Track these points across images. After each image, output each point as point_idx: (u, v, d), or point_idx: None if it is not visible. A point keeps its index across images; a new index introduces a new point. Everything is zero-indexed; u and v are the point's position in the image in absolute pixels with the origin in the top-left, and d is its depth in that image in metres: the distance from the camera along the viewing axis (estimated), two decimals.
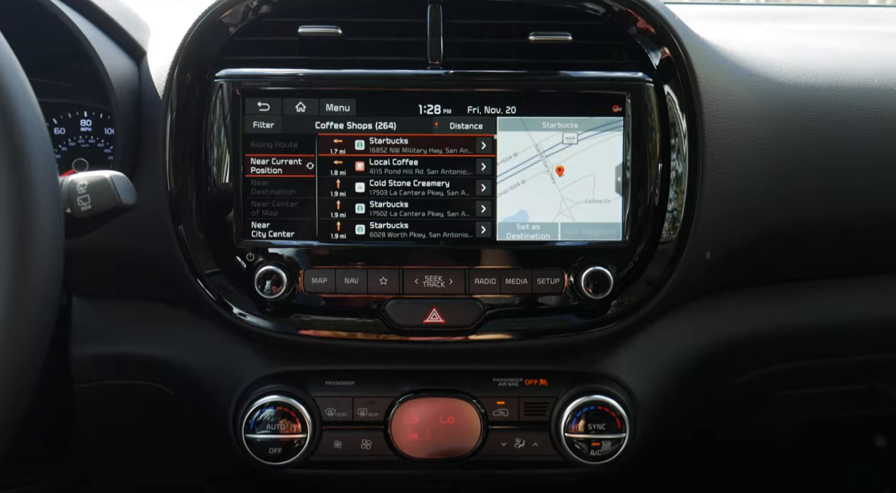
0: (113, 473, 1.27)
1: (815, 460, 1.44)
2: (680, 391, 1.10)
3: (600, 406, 1.05)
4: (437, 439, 1.07)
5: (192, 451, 1.25)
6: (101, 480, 1.28)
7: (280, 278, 1.00)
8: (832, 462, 1.49)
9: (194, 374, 1.09)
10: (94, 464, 1.20)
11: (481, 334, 1.03)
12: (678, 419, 1.13)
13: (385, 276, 1.01)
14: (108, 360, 1.09)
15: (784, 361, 1.16)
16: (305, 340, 1.03)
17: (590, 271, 1.00)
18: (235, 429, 1.05)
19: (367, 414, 1.06)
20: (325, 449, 1.06)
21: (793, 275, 1.13)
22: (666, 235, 1.01)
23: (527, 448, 1.07)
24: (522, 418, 1.07)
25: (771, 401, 1.22)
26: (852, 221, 1.07)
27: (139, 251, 1.03)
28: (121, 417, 1.16)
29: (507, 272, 1.02)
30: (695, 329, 1.10)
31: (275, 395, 1.04)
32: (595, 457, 1.05)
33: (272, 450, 1.04)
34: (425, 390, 1.07)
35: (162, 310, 1.10)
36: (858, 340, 1.16)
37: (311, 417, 1.05)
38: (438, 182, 1.01)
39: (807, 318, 1.13)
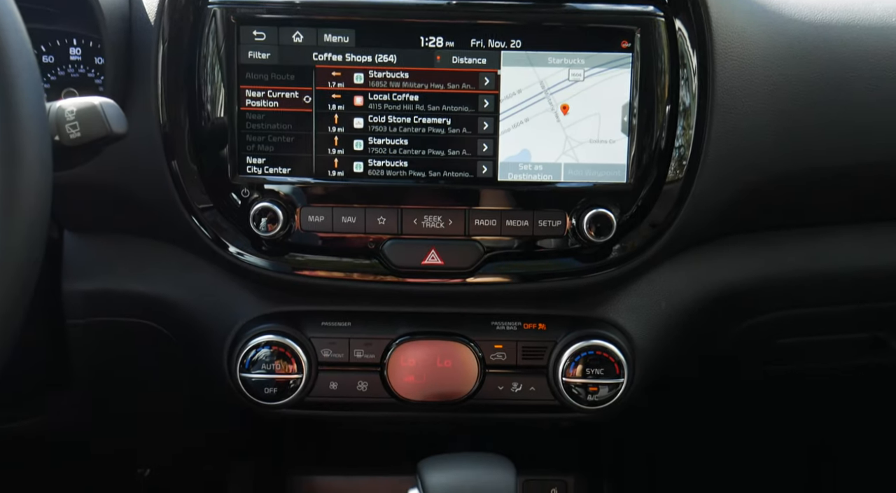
0: (111, 413, 1.27)
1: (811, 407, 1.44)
2: (680, 337, 1.09)
3: (599, 351, 1.04)
4: (434, 382, 1.06)
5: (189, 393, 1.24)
6: (100, 420, 1.28)
7: (276, 216, 0.98)
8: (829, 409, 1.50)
9: (188, 313, 1.07)
10: (91, 404, 1.19)
11: (480, 277, 1.01)
12: (676, 365, 1.12)
13: (383, 215, 0.99)
14: (100, 297, 1.07)
15: (785, 308, 1.15)
16: (301, 280, 1.02)
17: (592, 213, 0.98)
18: (230, 369, 1.04)
19: (363, 356, 1.05)
20: (321, 390, 1.05)
21: (798, 221, 1.12)
22: (672, 175, 0.99)
23: (523, 392, 1.06)
24: (520, 362, 1.06)
25: (770, 349, 1.22)
26: (863, 166, 1.05)
27: (131, 186, 1.00)
28: (115, 355, 1.15)
29: (508, 214, 1.00)
30: (696, 275, 1.09)
31: (270, 335, 1.03)
32: (592, 402, 1.04)
33: (267, 390, 1.03)
34: (422, 332, 1.06)
35: (155, 247, 1.08)
36: (863, 288, 1.14)
37: (306, 357, 1.04)
38: (439, 119, 0.98)
39: (811, 265, 1.12)
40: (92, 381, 1.15)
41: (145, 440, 1.44)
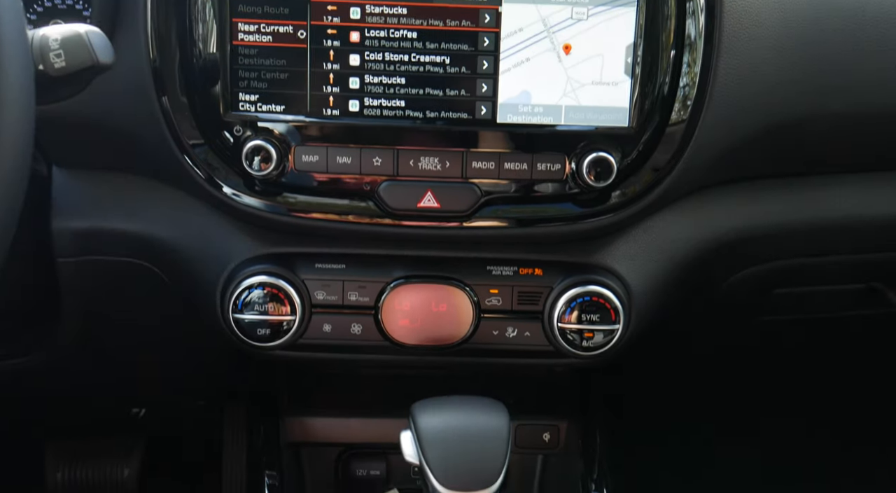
0: (104, 354, 1.26)
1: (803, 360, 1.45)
2: (676, 285, 1.08)
3: (595, 297, 1.03)
4: (428, 325, 1.05)
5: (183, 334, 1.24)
6: (93, 360, 1.27)
7: (269, 155, 0.96)
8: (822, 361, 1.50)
9: (180, 253, 1.06)
10: (83, 343, 1.19)
11: (476, 221, 1.00)
12: (672, 312, 1.12)
13: (379, 156, 0.97)
14: (91, 236, 1.06)
15: (784, 258, 1.14)
16: (295, 221, 1.00)
17: (592, 157, 0.96)
18: (223, 309, 1.03)
19: (357, 298, 1.05)
20: (315, 332, 1.05)
21: (799, 170, 1.10)
22: (675, 117, 0.97)
23: (518, 338, 1.06)
24: (515, 307, 1.05)
25: (765, 299, 1.21)
26: (870, 114, 1.03)
27: (121, 122, 0.98)
28: (107, 294, 1.14)
29: (507, 156, 0.98)
30: (696, 223, 1.08)
31: (263, 276, 1.02)
32: (587, 348, 1.04)
33: (260, 331, 1.02)
34: (417, 276, 1.05)
35: (147, 185, 1.06)
36: (860, 238, 1.14)
37: (300, 299, 1.03)
38: (438, 57, 0.96)
39: (811, 214, 1.11)
40: (83, 320, 1.14)
41: (139, 382, 1.44)
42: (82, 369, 1.29)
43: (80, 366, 1.27)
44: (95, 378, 1.36)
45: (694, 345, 1.34)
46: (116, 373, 1.35)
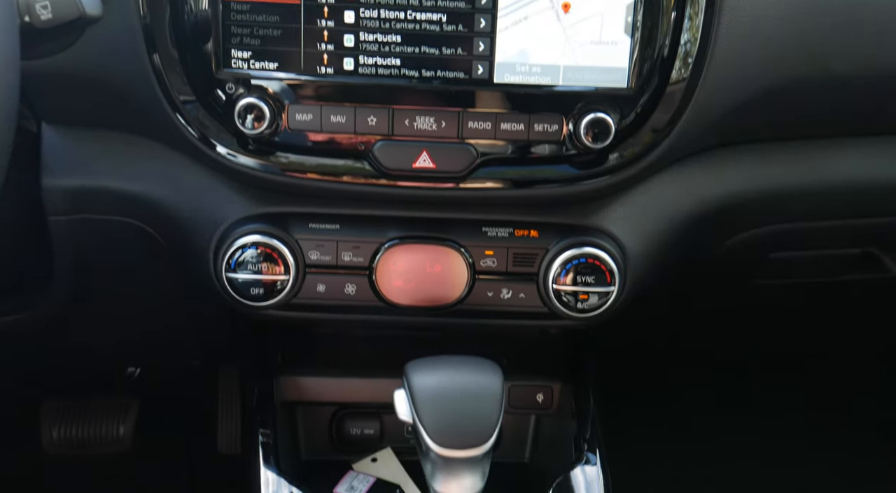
0: (98, 312, 1.26)
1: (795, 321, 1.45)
2: (672, 248, 1.08)
3: (590, 259, 1.03)
4: (423, 286, 1.05)
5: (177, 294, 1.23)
6: (87, 319, 1.27)
7: (262, 113, 0.94)
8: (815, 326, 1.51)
9: (173, 212, 1.05)
10: (76, 300, 1.19)
11: (472, 182, 0.99)
12: (668, 275, 1.12)
13: (374, 115, 0.96)
14: (81, 193, 1.05)
15: (781, 222, 1.13)
16: (289, 180, 1.00)
17: (590, 118, 0.95)
18: (216, 268, 1.02)
19: (351, 259, 1.04)
20: (308, 292, 1.04)
21: (799, 133, 1.09)
22: (676, 75, 0.95)
23: (513, 299, 1.06)
24: (510, 269, 1.05)
25: (761, 263, 1.21)
26: (871, 78, 1.02)
27: (111, 77, 0.96)
28: (100, 254, 1.13)
29: (503, 117, 0.97)
30: (693, 185, 1.07)
31: (256, 235, 1.01)
32: (582, 310, 1.04)
33: (254, 290, 1.02)
34: (412, 236, 1.04)
35: (139, 144, 1.05)
36: (859, 202, 1.13)
37: (293, 259, 1.02)
38: (434, 15, 0.94)
39: (809, 178, 1.10)
40: (76, 279, 1.14)
41: (133, 342, 1.44)
42: (76, 329, 1.29)
43: (74, 325, 1.27)
44: (90, 338, 1.36)
45: (687, 308, 1.34)
46: (110, 333, 1.35)
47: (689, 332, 1.48)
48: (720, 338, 1.52)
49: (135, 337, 1.38)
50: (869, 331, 1.55)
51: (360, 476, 1.21)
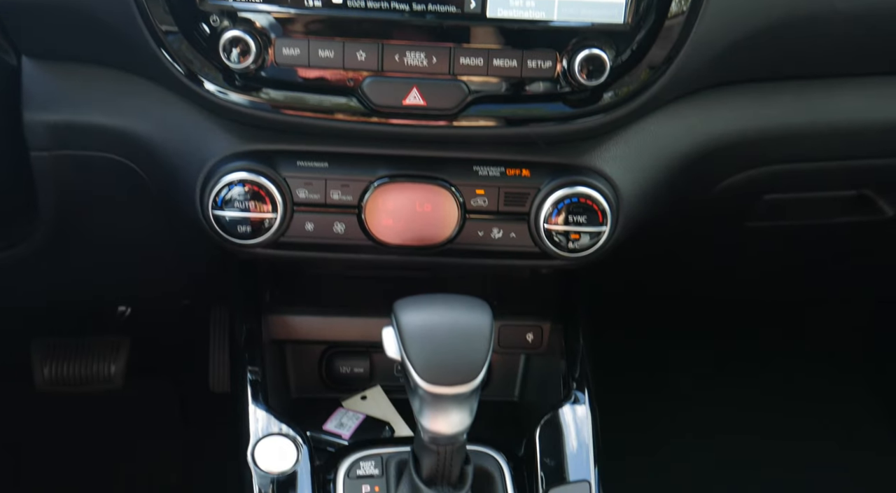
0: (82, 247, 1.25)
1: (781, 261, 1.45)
2: (666, 189, 1.07)
3: (582, 199, 1.02)
4: (413, 225, 1.04)
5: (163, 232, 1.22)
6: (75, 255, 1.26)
7: (248, 47, 0.92)
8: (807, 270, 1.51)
9: (157, 148, 1.03)
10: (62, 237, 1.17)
11: (464, 120, 0.97)
12: (661, 216, 1.11)
13: (363, 50, 0.94)
14: (64, 128, 1.03)
15: (777, 163, 1.12)
16: (276, 117, 0.98)
17: (585, 54, 0.93)
18: (202, 205, 1.01)
19: (340, 197, 1.03)
20: (297, 231, 1.03)
21: (797, 72, 1.07)
22: (675, 8, 0.93)
23: (504, 239, 1.05)
24: (501, 208, 1.04)
25: (755, 205, 1.20)
26: (874, 15, 1.00)
27: (93, 9, 0.94)
28: (85, 191, 1.11)
29: (496, 52, 0.95)
30: (689, 125, 1.06)
31: (243, 172, 1.00)
32: (573, 249, 1.04)
33: (241, 228, 1.01)
34: (402, 175, 1.03)
35: (121, 78, 1.02)
36: (857, 143, 1.12)
37: (281, 197, 1.01)
38: None
39: (807, 118, 1.09)
40: (61, 216, 1.12)
41: (122, 281, 1.44)
42: (64, 267, 1.28)
43: (62, 264, 1.26)
44: (78, 277, 1.35)
45: (678, 248, 1.34)
46: (97, 271, 1.34)
47: (679, 275, 1.48)
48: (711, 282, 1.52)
49: (123, 276, 1.38)
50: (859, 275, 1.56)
51: (349, 414, 1.22)
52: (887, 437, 1.89)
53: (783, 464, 1.85)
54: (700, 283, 1.52)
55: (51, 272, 1.29)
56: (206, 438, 1.52)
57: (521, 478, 1.07)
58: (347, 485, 1.04)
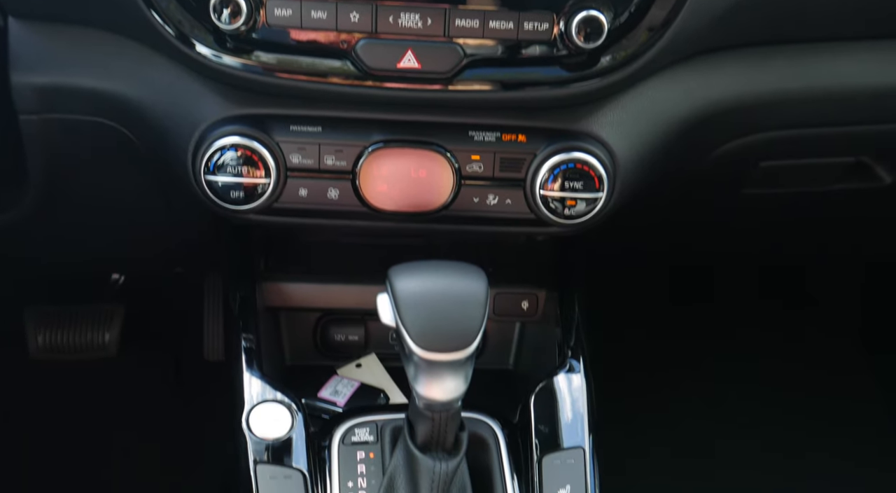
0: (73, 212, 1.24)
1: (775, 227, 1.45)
2: (663, 155, 1.06)
3: (579, 164, 1.01)
4: (408, 191, 1.03)
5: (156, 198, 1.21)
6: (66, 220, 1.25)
7: (239, 7, 0.90)
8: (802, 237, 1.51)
9: (149, 112, 1.02)
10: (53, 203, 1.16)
11: (459, 84, 0.96)
12: (657, 183, 1.10)
13: (356, 11, 0.92)
14: (53, 91, 1.01)
15: (774, 128, 1.11)
16: (269, 80, 0.96)
17: (583, 16, 0.91)
18: (195, 170, 1.00)
19: (334, 163, 1.02)
20: (290, 196, 1.02)
21: (796, 36, 1.06)
22: None
23: (499, 205, 1.04)
24: (497, 174, 1.03)
25: (751, 172, 1.20)
26: None
27: None
28: (75, 154, 1.10)
29: (492, 14, 0.93)
30: (687, 90, 1.04)
31: (236, 137, 0.98)
32: (568, 216, 1.03)
33: (234, 194, 1.00)
34: (396, 140, 1.02)
35: (110, 40, 1.00)
36: (856, 108, 1.11)
37: (274, 162, 1.00)
38: None
39: (806, 83, 1.07)
40: (51, 181, 1.11)
41: (115, 248, 1.43)
42: (55, 232, 1.27)
43: (53, 228, 1.25)
44: (69, 242, 1.34)
45: (674, 216, 1.33)
46: (90, 237, 1.33)
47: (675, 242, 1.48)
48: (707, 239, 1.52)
49: (114, 241, 1.36)
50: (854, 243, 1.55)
51: (344, 381, 1.22)
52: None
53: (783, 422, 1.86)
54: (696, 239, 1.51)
55: (42, 238, 1.28)
56: (201, 406, 1.53)
57: (515, 445, 1.07)
58: (342, 451, 1.04)
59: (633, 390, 1.81)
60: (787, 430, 1.85)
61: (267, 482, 1.00)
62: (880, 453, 1.83)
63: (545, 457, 1.05)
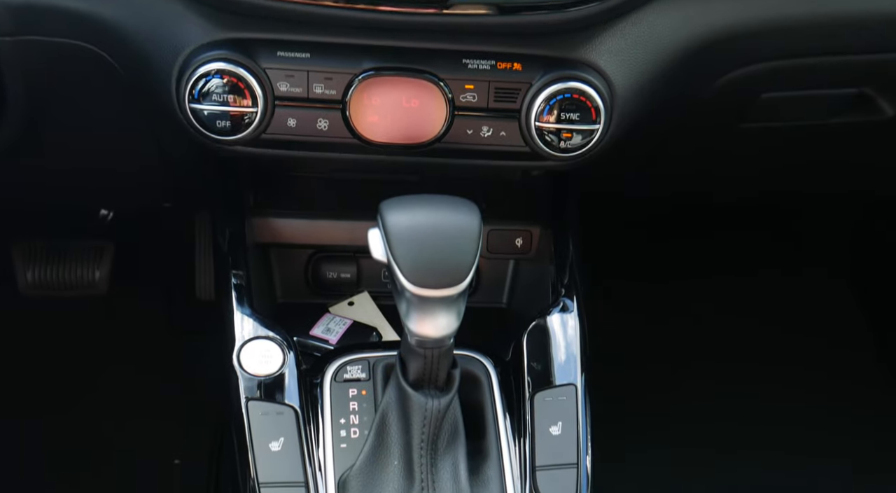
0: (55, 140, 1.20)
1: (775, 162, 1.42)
2: (663, 84, 1.03)
3: (576, 95, 0.98)
4: (399, 122, 1.00)
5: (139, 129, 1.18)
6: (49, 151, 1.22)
7: None
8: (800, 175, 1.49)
9: (128, 35, 0.98)
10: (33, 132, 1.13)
11: (454, 7, 0.92)
12: (656, 115, 1.07)
13: None
14: (27, 10, 0.97)
15: (776, 58, 1.08)
16: (255, 1, 0.93)
17: None
18: (179, 98, 0.97)
19: (323, 91, 0.98)
20: (278, 127, 0.99)
21: None
22: None
23: (494, 137, 1.01)
24: (491, 104, 1.00)
25: (752, 104, 1.16)
26: None
27: None
28: (54, 80, 1.06)
29: None
30: (688, 17, 1.01)
31: (221, 62, 0.95)
32: (564, 149, 1.00)
33: (220, 123, 0.97)
34: (388, 68, 0.98)
35: None
36: (859, 35, 1.07)
37: (261, 90, 0.96)
38: None
39: (810, 8, 1.04)
40: (32, 105, 1.07)
41: (100, 180, 1.40)
42: (39, 163, 1.24)
43: (36, 159, 1.22)
44: (54, 173, 1.31)
45: (672, 150, 1.30)
46: (74, 168, 1.30)
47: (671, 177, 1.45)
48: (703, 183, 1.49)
49: (99, 172, 1.33)
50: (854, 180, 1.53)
51: (336, 319, 1.21)
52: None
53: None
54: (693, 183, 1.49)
55: (26, 169, 1.25)
56: (192, 344, 1.52)
57: (507, 382, 1.06)
58: (334, 388, 1.03)
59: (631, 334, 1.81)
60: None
61: (259, 418, 1.00)
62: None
63: (537, 394, 1.04)
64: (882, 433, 1.77)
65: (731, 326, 1.91)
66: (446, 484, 0.94)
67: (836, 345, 1.90)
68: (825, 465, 1.71)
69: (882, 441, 1.76)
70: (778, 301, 1.96)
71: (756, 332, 1.91)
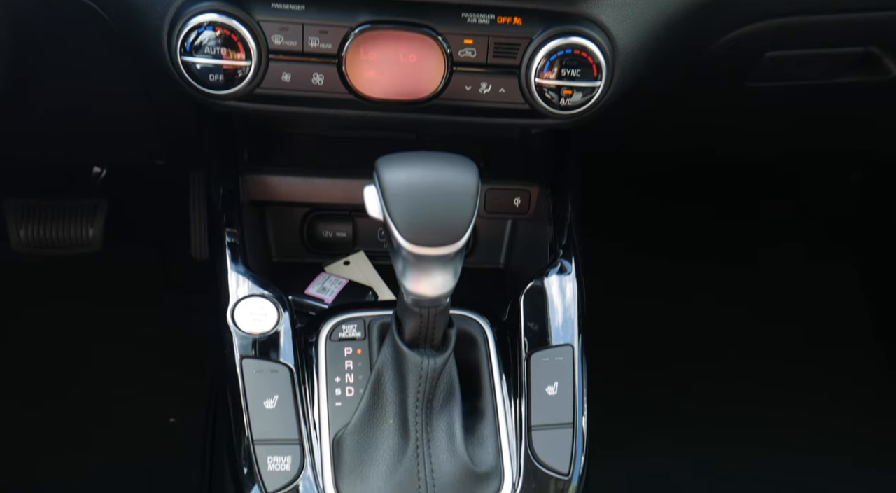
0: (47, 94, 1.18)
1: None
2: (665, 42, 1.01)
3: (577, 50, 0.96)
4: (397, 78, 0.98)
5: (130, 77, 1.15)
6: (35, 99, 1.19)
7: None
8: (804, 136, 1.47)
9: None
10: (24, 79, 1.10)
11: None
12: (658, 72, 1.05)
13: None
14: None
15: (782, 14, 1.05)
16: None
17: None
18: (171, 50, 0.94)
19: (318, 45, 0.96)
20: (272, 81, 0.97)
21: None
22: None
23: (493, 94, 0.99)
24: (491, 60, 0.98)
25: (755, 62, 1.14)
26: None
27: None
28: (45, 32, 1.03)
29: None
30: None
31: (213, 14, 0.93)
32: (564, 106, 0.98)
33: (213, 77, 0.95)
34: (385, 21, 0.96)
35: None
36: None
37: (255, 43, 0.94)
38: None
39: None
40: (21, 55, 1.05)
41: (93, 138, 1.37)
42: (31, 117, 1.22)
43: (28, 112, 1.20)
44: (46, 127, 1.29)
45: (674, 109, 1.28)
46: (66, 122, 1.28)
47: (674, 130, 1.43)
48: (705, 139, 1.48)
49: (92, 126, 1.31)
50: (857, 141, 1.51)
51: (332, 278, 1.20)
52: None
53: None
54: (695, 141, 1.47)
55: (18, 122, 1.22)
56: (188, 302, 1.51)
57: (504, 342, 1.05)
58: (329, 347, 1.02)
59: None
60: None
61: (253, 376, 0.99)
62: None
63: (533, 354, 1.04)
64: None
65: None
66: (441, 443, 0.94)
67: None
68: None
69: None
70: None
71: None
